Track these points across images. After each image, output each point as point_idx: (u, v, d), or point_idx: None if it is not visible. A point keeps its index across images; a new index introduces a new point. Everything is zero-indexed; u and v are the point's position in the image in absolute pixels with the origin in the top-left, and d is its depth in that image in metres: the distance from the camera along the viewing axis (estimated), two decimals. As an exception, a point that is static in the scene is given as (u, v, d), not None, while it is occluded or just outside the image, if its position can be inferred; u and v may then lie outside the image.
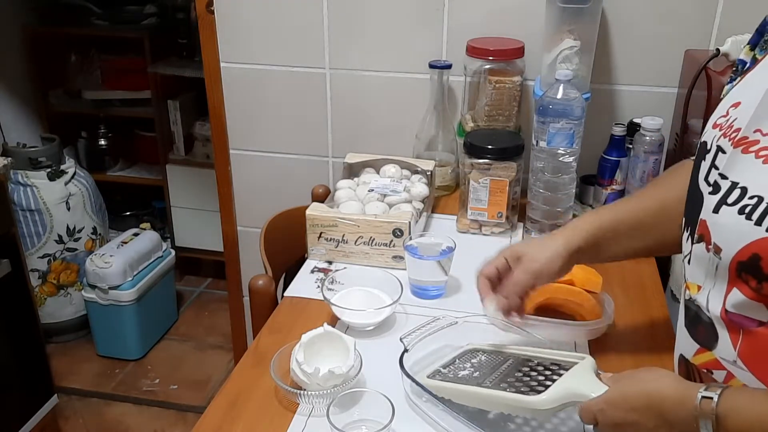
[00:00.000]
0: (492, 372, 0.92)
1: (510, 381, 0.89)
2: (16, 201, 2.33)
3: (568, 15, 1.39)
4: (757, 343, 0.71)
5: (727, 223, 0.70)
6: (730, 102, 0.79)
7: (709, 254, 0.73)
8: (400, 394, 0.95)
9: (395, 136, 1.70)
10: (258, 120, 1.79)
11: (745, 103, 0.75)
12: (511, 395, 0.85)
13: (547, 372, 0.89)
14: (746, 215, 0.68)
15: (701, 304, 0.76)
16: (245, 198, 1.90)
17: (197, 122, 2.77)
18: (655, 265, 1.33)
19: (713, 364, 0.76)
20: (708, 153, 0.77)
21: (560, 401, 0.82)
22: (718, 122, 0.78)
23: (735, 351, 0.73)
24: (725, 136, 0.75)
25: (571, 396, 0.81)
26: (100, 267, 2.35)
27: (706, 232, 0.74)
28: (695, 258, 0.77)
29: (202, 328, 2.77)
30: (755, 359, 0.72)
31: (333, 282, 1.18)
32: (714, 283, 0.74)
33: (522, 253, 0.96)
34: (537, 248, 0.96)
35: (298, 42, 1.68)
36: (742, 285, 0.70)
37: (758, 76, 0.77)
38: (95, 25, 2.78)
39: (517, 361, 0.94)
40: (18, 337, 1.98)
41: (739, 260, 0.69)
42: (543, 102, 1.30)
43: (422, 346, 1.00)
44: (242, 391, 1.00)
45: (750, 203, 0.68)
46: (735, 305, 0.71)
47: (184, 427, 2.25)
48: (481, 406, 0.89)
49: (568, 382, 0.83)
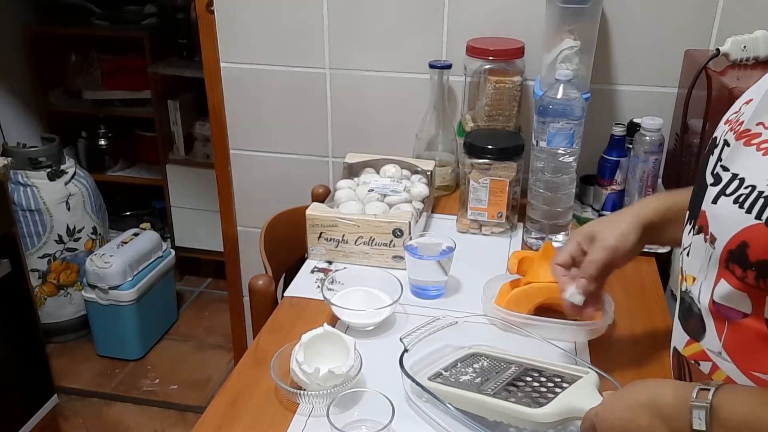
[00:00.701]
0: (493, 379, 0.92)
1: (511, 390, 0.88)
2: (16, 201, 2.33)
3: (568, 15, 1.39)
4: (740, 334, 0.71)
5: (723, 213, 0.71)
6: (743, 99, 0.79)
7: (706, 245, 0.74)
8: (400, 394, 0.95)
9: (395, 136, 1.70)
10: (258, 120, 1.79)
11: (755, 99, 0.76)
12: (512, 406, 0.85)
13: (550, 384, 0.88)
14: (739, 204, 0.68)
15: (694, 296, 0.77)
16: (245, 198, 1.90)
17: (197, 122, 2.77)
18: (655, 265, 1.33)
19: (700, 356, 0.77)
20: (716, 147, 0.78)
21: (561, 416, 0.82)
22: (730, 118, 0.79)
23: (720, 342, 0.73)
24: (732, 130, 0.76)
25: (573, 411, 0.81)
26: (100, 267, 2.35)
27: (705, 223, 0.74)
28: (694, 249, 0.78)
29: (202, 328, 2.77)
30: (738, 351, 0.72)
31: (333, 282, 1.18)
32: (706, 274, 0.74)
33: (594, 233, 0.95)
34: (609, 225, 0.95)
35: (298, 42, 1.68)
36: (728, 275, 0.70)
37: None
38: (95, 25, 2.78)
39: (519, 370, 0.93)
40: (18, 337, 1.98)
41: (729, 249, 0.69)
42: (543, 102, 1.30)
43: (422, 346, 1.00)
44: (242, 391, 1.00)
45: (744, 192, 0.68)
46: (722, 296, 0.71)
47: (184, 427, 2.25)
48: (481, 413, 0.88)
49: (570, 396, 0.83)
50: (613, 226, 0.95)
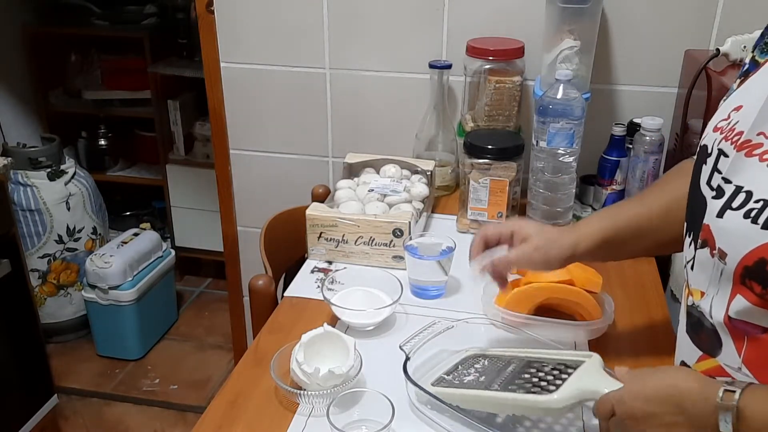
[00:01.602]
0: (497, 376, 0.92)
1: (518, 383, 0.88)
2: (16, 201, 2.33)
3: (568, 15, 1.39)
4: (762, 349, 0.70)
5: (732, 228, 0.70)
6: (731, 106, 0.78)
7: (714, 260, 0.72)
8: (400, 395, 0.94)
9: (395, 136, 1.70)
10: (258, 120, 1.79)
11: (747, 106, 0.75)
12: (523, 396, 0.85)
13: (555, 372, 0.88)
14: (752, 219, 0.67)
15: (704, 311, 0.76)
16: (245, 198, 1.90)
17: (197, 122, 2.77)
18: (655, 265, 1.33)
19: (717, 371, 0.76)
20: (709, 157, 0.77)
21: (574, 399, 0.81)
22: (719, 125, 0.78)
23: (740, 358, 0.72)
24: (727, 139, 0.74)
25: (585, 394, 0.81)
26: (100, 267, 2.35)
27: (710, 237, 0.73)
28: (699, 263, 0.77)
29: (202, 328, 2.77)
30: (760, 366, 0.71)
31: (333, 282, 1.18)
32: (718, 289, 0.73)
33: (529, 237, 0.96)
34: (546, 242, 0.96)
35: (298, 42, 1.68)
36: (746, 291, 0.69)
37: (760, 80, 0.76)
38: (95, 25, 2.78)
39: (521, 364, 0.93)
40: (18, 337, 1.98)
41: (745, 265, 0.68)
42: (543, 102, 1.31)
43: (420, 352, 1.00)
44: (242, 391, 1.00)
45: (755, 207, 0.67)
46: (739, 312, 0.70)
47: (184, 427, 2.25)
48: (492, 409, 0.88)
49: (579, 380, 0.83)
50: (548, 245, 0.95)
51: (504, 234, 0.99)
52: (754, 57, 0.82)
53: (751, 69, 0.82)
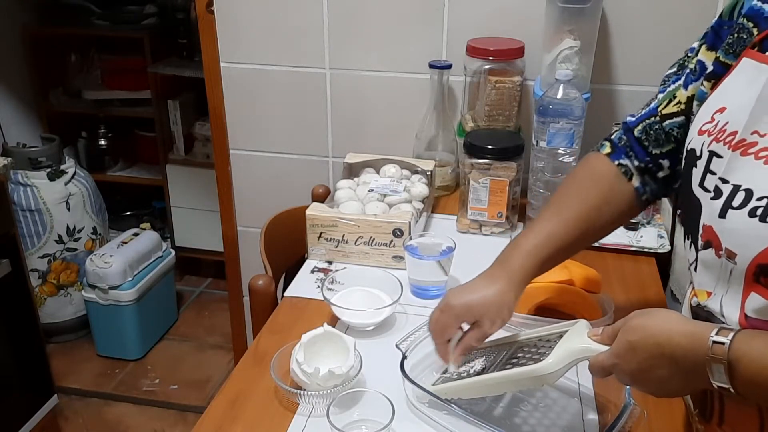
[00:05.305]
0: (493, 363, 0.92)
1: (513, 362, 0.89)
2: (16, 201, 2.33)
3: (568, 15, 1.39)
4: None
5: (739, 228, 0.70)
6: (713, 108, 0.78)
7: (721, 260, 0.73)
8: (400, 394, 0.95)
9: (395, 136, 1.70)
10: (258, 120, 1.79)
11: (732, 107, 0.75)
12: (517, 370, 0.85)
13: (546, 344, 0.89)
14: (759, 218, 0.67)
15: (713, 310, 0.76)
16: (245, 198, 1.90)
17: (197, 122, 2.77)
18: (655, 265, 1.33)
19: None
20: (699, 159, 0.77)
21: (566, 361, 0.81)
22: (704, 128, 0.78)
23: None
24: (718, 140, 0.75)
25: (576, 353, 0.81)
26: (100, 267, 2.35)
27: (713, 238, 0.73)
28: (703, 264, 0.77)
29: (202, 328, 2.77)
30: None
31: (333, 282, 1.18)
32: (727, 289, 0.73)
33: (479, 316, 0.92)
34: (495, 312, 0.91)
35: (298, 42, 1.68)
36: (761, 289, 0.69)
37: (739, 81, 0.77)
38: (95, 25, 2.78)
39: (512, 349, 0.94)
40: (18, 337, 1.98)
41: (758, 263, 0.68)
42: (543, 102, 1.31)
43: (418, 349, 1.00)
44: (242, 391, 1.01)
45: (760, 205, 0.68)
46: (756, 310, 0.70)
47: (184, 427, 2.25)
48: (490, 392, 0.89)
49: (568, 342, 0.83)
50: (496, 311, 0.91)
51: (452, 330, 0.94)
52: (718, 58, 0.83)
53: (719, 71, 0.82)
